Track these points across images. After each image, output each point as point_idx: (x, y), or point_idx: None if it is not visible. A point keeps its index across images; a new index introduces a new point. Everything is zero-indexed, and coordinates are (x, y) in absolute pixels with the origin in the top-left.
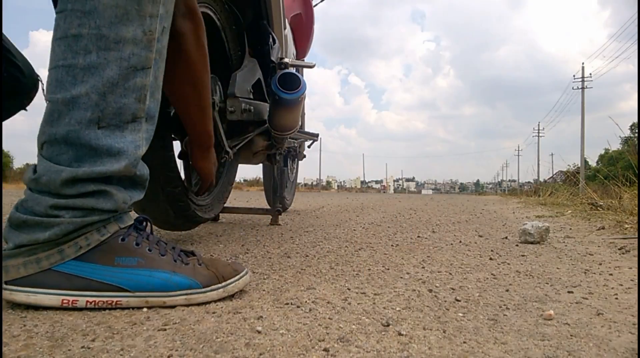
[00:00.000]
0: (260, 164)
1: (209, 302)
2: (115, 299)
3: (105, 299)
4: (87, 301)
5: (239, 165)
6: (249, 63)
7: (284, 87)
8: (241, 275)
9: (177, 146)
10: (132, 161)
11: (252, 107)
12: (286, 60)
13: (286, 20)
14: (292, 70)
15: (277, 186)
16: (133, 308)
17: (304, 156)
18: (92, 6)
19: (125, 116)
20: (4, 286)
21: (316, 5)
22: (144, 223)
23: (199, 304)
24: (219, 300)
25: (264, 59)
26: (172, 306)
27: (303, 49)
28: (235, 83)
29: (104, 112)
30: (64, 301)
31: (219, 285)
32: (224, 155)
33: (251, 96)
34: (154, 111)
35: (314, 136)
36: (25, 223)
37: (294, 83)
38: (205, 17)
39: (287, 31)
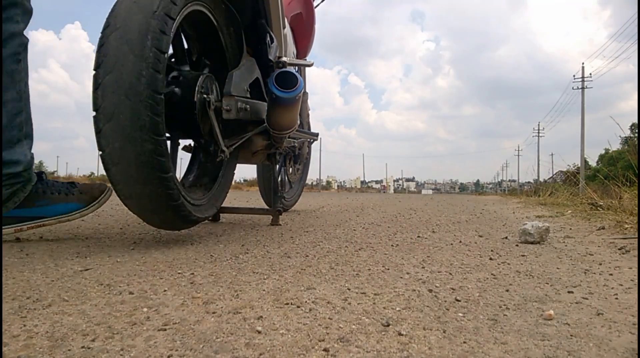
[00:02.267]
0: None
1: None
2: (42, 222)
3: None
4: (27, 227)
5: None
6: (247, 62)
7: (281, 86)
8: (106, 191)
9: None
10: None
11: (248, 106)
12: (284, 59)
13: (285, 19)
14: (292, 69)
15: (277, 186)
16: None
17: (307, 158)
18: None
19: None
20: None
21: (317, 5)
22: (43, 175)
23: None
24: (219, 300)
25: (262, 58)
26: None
27: (304, 49)
28: (232, 82)
29: None
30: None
31: (95, 203)
32: (220, 154)
33: (248, 95)
34: None
35: (314, 136)
36: None
37: (291, 82)
38: (201, 16)
39: (287, 30)
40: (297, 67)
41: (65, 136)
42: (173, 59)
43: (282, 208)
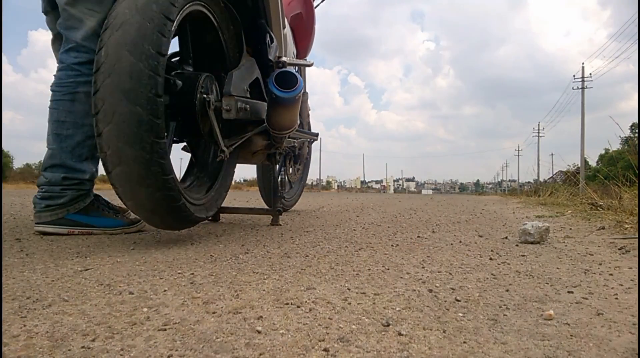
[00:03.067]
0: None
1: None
2: (91, 230)
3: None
4: (78, 231)
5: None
6: (247, 62)
7: (280, 86)
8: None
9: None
10: None
11: (248, 106)
12: (284, 59)
13: (285, 19)
14: (292, 69)
15: (277, 186)
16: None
17: (307, 158)
18: None
19: None
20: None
21: (317, 6)
22: (100, 196)
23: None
24: (219, 300)
25: (262, 58)
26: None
27: (304, 48)
28: (232, 82)
29: None
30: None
31: (136, 224)
32: (220, 154)
33: (248, 95)
34: None
35: (314, 136)
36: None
37: (290, 82)
38: (201, 16)
39: (287, 30)
40: (297, 67)
41: None
42: (174, 59)
43: (282, 208)
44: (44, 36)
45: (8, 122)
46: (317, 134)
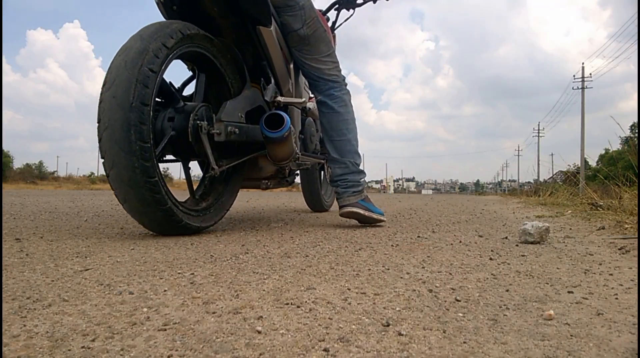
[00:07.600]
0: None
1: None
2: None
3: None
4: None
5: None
6: (247, 92)
7: (270, 126)
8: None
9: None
10: None
11: (237, 130)
12: (279, 99)
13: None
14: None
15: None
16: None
17: None
18: None
19: None
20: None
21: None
22: None
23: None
24: (219, 300)
25: (262, 95)
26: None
27: None
28: (224, 110)
29: None
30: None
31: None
32: (210, 171)
33: (242, 121)
34: None
35: (321, 159)
36: None
37: (279, 122)
38: (206, 59)
39: (293, 65)
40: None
41: (65, 136)
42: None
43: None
44: (43, 36)
45: (7, 122)
46: (323, 159)
